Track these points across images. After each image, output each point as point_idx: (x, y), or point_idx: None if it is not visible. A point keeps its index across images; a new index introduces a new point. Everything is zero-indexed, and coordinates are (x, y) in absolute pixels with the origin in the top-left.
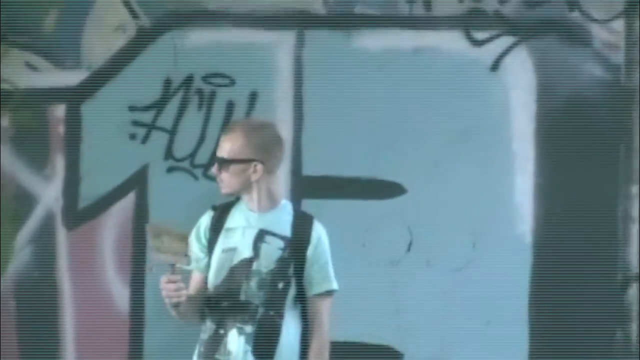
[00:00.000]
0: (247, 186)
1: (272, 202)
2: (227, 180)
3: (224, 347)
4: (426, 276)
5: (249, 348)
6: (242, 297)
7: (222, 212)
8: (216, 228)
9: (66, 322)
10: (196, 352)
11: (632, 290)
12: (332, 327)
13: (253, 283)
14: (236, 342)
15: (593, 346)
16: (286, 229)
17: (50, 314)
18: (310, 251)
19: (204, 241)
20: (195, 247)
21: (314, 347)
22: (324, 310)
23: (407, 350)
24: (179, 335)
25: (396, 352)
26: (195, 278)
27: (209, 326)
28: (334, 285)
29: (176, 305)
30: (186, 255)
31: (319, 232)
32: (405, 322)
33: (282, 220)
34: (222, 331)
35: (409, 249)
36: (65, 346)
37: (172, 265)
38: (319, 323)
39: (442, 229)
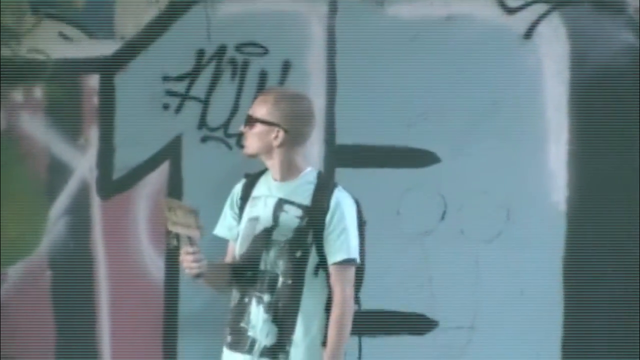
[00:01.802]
0: (267, 151)
1: (293, 172)
2: (250, 141)
3: (247, 316)
4: (459, 245)
5: (269, 317)
6: (262, 267)
7: (252, 181)
8: (245, 197)
9: (101, 291)
10: (227, 319)
11: None
12: (366, 295)
13: (272, 252)
14: (255, 311)
15: (628, 316)
16: (306, 198)
17: (85, 284)
18: (327, 219)
19: (236, 209)
20: (229, 216)
21: (333, 316)
22: (344, 278)
23: (441, 319)
24: (213, 304)
25: (429, 320)
26: (230, 246)
27: (235, 295)
28: (353, 254)
29: (197, 276)
30: (197, 227)
31: (338, 199)
32: (438, 291)
33: (303, 189)
34: (246, 300)
35: (442, 218)
36: (101, 316)
37: (190, 238)
38: (339, 292)
39: (476, 198)
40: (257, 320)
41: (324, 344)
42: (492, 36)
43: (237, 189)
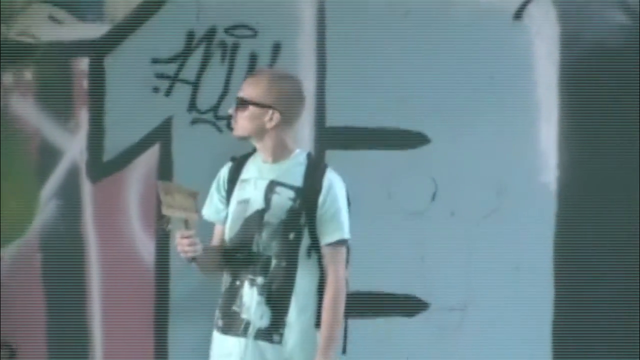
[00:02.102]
0: (259, 133)
1: (284, 153)
2: (242, 122)
3: (240, 299)
4: (451, 226)
5: (262, 299)
6: (255, 249)
7: (239, 164)
8: (233, 179)
9: (92, 274)
10: (218, 303)
11: None
12: (356, 277)
13: (265, 234)
14: (249, 294)
15: (617, 294)
16: (297, 179)
17: (76, 267)
18: (320, 200)
19: (224, 192)
20: (216, 199)
21: (327, 297)
22: (337, 259)
23: (433, 300)
24: (204, 287)
25: (422, 301)
26: (217, 230)
27: (226, 278)
28: (346, 235)
29: (192, 260)
30: (196, 211)
31: (330, 180)
32: (430, 271)
33: (294, 170)
34: (238, 283)
35: (433, 199)
36: (91, 298)
37: (185, 221)
38: (332, 272)
39: (467, 178)
40: (251, 302)
41: (317, 325)
42: (482, 17)
43: (224, 172)
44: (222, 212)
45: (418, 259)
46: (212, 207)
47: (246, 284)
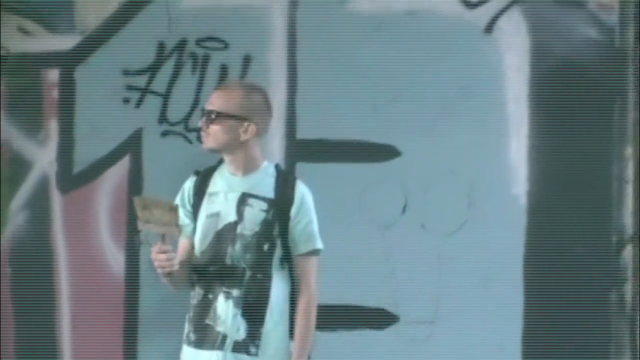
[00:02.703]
0: (232, 145)
1: (254, 165)
2: (215, 135)
3: (214, 312)
4: (421, 239)
5: (238, 311)
6: (228, 261)
7: (204, 177)
8: (199, 193)
9: (61, 285)
10: (187, 317)
11: (627, 251)
12: (327, 290)
13: (238, 246)
14: (224, 307)
15: (587, 307)
16: (269, 191)
17: (45, 278)
18: (293, 211)
19: (189, 207)
20: (181, 213)
21: (301, 307)
22: (310, 269)
23: (402, 313)
24: (174, 298)
25: (391, 314)
26: (183, 244)
27: (197, 292)
28: (319, 245)
29: (169, 275)
30: (177, 225)
31: (302, 192)
32: (400, 284)
33: (265, 182)
34: (210, 296)
35: (403, 212)
36: (61, 309)
37: (163, 236)
38: (305, 282)
39: (437, 191)
40: (227, 315)
41: (290, 335)
42: (452, 30)
43: (188, 186)
44: (188, 227)
45: (388, 271)
46: None
47: (220, 297)
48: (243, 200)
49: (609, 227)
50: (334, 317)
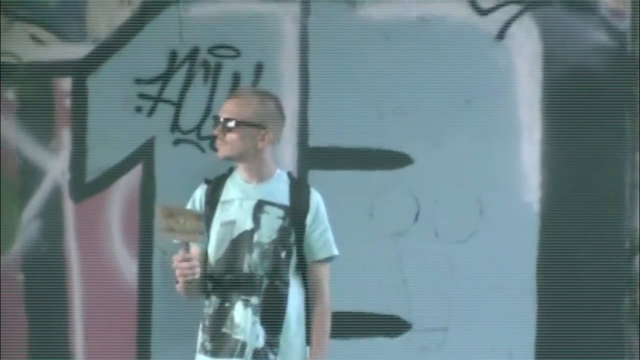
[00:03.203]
0: (249, 153)
1: (268, 172)
2: (233, 144)
3: (230, 321)
4: (433, 246)
5: (257, 319)
6: (246, 269)
7: (215, 186)
8: (211, 201)
9: (74, 295)
10: (201, 326)
11: (639, 258)
12: (340, 297)
13: (255, 254)
14: (242, 315)
15: (600, 314)
16: (284, 198)
17: (58, 287)
18: (309, 219)
19: (202, 215)
20: None
21: (317, 314)
22: (325, 276)
23: (415, 320)
24: (187, 307)
25: (404, 321)
26: (194, 253)
27: (213, 300)
28: (335, 251)
29: (189, 283)
30: (201, 233)
31: (316, 199)
32: (412, 292)
33: (280, 189)
34: (227, 304)
35: (416, 220)
36: (74, 318)
37: (186, 244)
38: (321, 290)
39: (449, 199)
40: (246, 323)
41: (307, 342)
42: (464, 37)
43: (199, 194)
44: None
45: (401, 279)
46: None
47: (238, 305)
48: (259, 207)
49: (621, 233)
50: (348, 325)
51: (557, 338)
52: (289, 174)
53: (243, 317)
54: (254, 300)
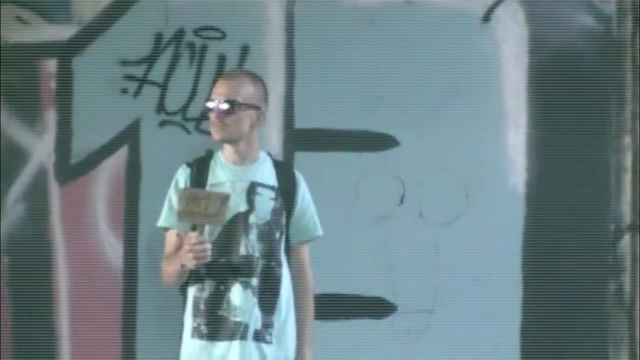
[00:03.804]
0: (244, 134)
1: (255, 154)
2: (236, 126)
3: (227, 303)
4: (419, 229)
5: (256, 301)
6: (243, 251)
7: (199, 168)
8: (198, 185)
9: (59, 276)
10: (190, 310)
11: (625, 241)
12: (325, 279)
13: (252, 236)
14: (242, 297)
15: (585, 296)
16: (273, 179)
17: (44, 269)
18: (298, 199)
19: None
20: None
21: (303, 294)
22: (308, 256)
23: (400, 303)
24: (173, 290)
25: (389, 303)
26: (176, 238)
27: (208, 284)
28: (321, 231)
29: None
30: (224, 214)
31: (300, 180)
32: (397, 274)
33: (267, 170)
34: (222, 287)
35: (401, 202)
36: (59, 301)
37: (202, 227)
38: (306, 270)
39: (435, 181)
40: (247, 305)
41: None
42: (450, 20)
43: (183, 178)
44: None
45: (386, 261)
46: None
47: (236, 288)
48: (252, 189)
49: (607, 217)
50: (332, 307)
51: (543, 319)
52: (269, 155)
53: (244, 299)
54: (254, 281)
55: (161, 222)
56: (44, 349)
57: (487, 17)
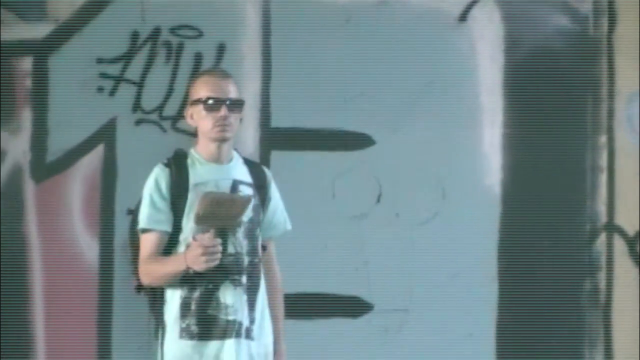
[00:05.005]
0: (235, 133)
1: (231, 152)
2: (235, 124)
3: (216, 302)
4: (395, 228)
5: (246, 298)
6: (232, 250)
7: (178, 168)
8: (179, 185)
9: (35, 275)
10: (177, 311)
11: (600, 240)
12: (301, 278)
13: (239, 234)
14: (233, 295)
15: (561, 295)
16: (248, 177)
17: (19, 268)
18: (269, 195)
19: (169, 200)
20: (164, 206)
21: (277, 288)
22: (274, 252)
23: (376, 302)
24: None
25: (365, 302)
26: (158, 239)
27: (197, 283)
28: (290, 225)
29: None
30: (240, 216)
31: (270, 175)
32: (373, 273)
33: (243, 168)
34: (211, 286)
35: (378, 201)
36: (34, 299)
37: (215, 230)
38: (274, 265)
39: (411, 181)
40: (239, 303)
41: None
42: (426, 19)
43: (164, 178)
44: (171, 220)
45: (362, 260)
46: (162, 216)
47: (226, 286)
48: (235, 188)
49: (582, 216)
50: (309, 306)
51: (518, 319)
52: (237, 151)
53: (236, 298)
54: (243, 279)
55: (144, 224)
56: (19, 348)
57: (463, 17)
